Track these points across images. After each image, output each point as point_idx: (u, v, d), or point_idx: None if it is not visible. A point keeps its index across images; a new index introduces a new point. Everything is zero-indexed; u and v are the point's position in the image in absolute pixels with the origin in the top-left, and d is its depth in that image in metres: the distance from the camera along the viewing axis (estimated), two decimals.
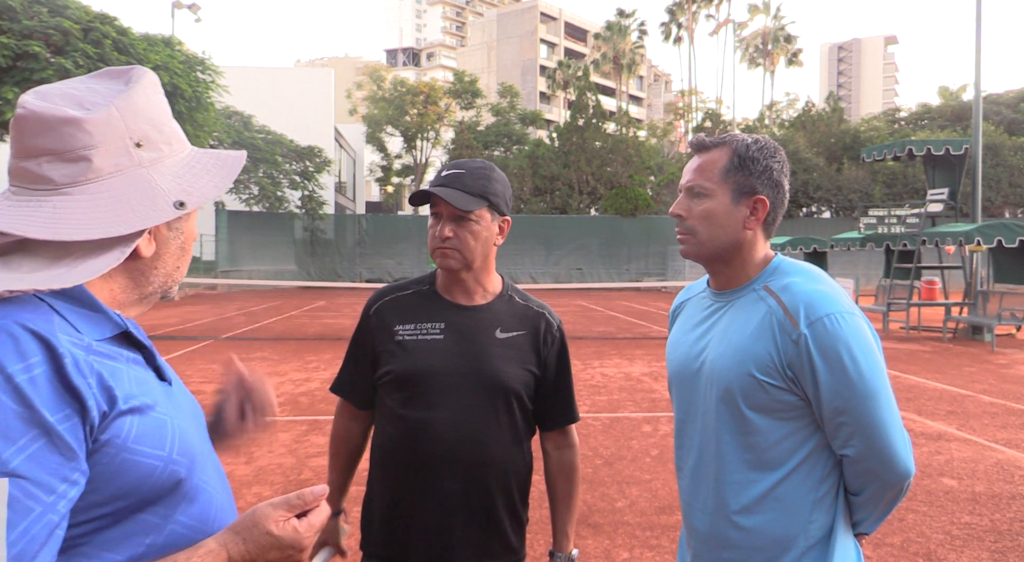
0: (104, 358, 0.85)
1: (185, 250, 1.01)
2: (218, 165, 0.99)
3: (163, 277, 0.98)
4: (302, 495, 0.90)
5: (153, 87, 0.96)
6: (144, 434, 0.85)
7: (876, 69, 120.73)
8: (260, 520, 0.88)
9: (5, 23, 13.60)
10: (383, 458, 1.64)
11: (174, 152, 0.96)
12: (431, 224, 1.63)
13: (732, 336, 1.35)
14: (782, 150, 1.41)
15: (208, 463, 0.96)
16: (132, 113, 0.91)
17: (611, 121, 39.00)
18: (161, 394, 0.92)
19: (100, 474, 0.81)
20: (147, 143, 0.92)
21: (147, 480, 0.84)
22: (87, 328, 0.86)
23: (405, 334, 1.62)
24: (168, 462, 0.86)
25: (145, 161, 0.91)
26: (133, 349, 0.93)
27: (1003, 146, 33.73)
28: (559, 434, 1.75)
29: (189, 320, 15.75)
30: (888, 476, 1.27)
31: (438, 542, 1.57)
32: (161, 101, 0.97)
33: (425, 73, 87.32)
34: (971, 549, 3.73)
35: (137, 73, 0.95)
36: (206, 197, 0.95)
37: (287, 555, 0.88)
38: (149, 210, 0.89)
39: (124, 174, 0.89)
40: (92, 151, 0.87)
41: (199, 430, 0.99)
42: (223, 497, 0.97)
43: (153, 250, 0.95)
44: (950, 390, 8.12)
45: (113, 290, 0.94)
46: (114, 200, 0.87)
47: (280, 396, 7.55)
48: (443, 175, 1.62)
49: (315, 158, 29.74)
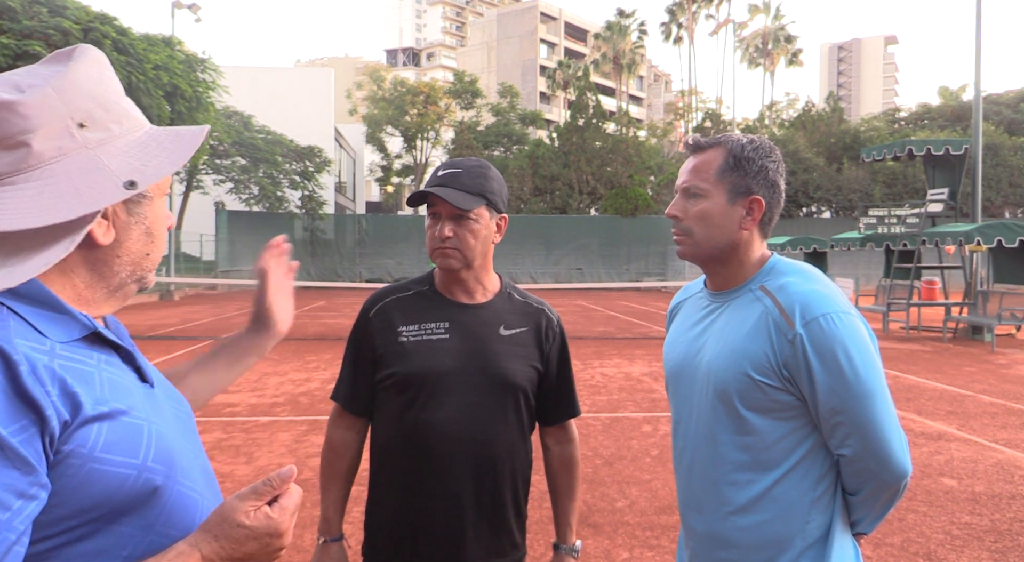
0: (71, 361, 0.81)
1: (152, 235, 0.94)
2: (176, 141, 0.93)
3: (130, 266, 0.92)
4: (269, 481, 0.86)
5: (96, 64, 0.89)
6: (114, 442, 0.80)
7: (876, 69, 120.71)
8: (229, 514, 0.84)
9: (5, 23, 13.61)
10: (388, 460, 1.62)
11: (126, 131, 0.90)
12: (429, 224, 1.62)
13: (728, 336, 1.35)
14: (777, 150, 1.41)
15: (195, 468, 0.92)
16: (72, 92, 0.85)
17: (611, 121, 39.00)
18: (139, 397, 0.88)
19: (65, 486, 0.76)
20: (91, 123, 0.86)
21: (119, 491, 0.80)
22: (52, 330, 0.82)
23: (409, 335, 1.61)
24: (142, 470, 0.82)
25: (91, 142, 0.86)
26: (108, 350, 0.89)
27: (1003, 146, 33.73)
28: (560, 429, 1.76)
29: (189, 320, 15.76)
30: (885, 475, 1.27)
31: (449, 542, 1.57)
32: (107, 78, 0.91)
33: (425, 73, 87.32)
34: (971, 549, 3.73)
35: (79, 50, 0.89)
36: (160, 174, 0.89)
37: (266, 543, 0.84)
38: (95, 192, 0.83)
39: (68, 157, 0.84)
40: (30, 135, 0.81)
41: (184, 433, 0.94)
42: (211, 504, 0.93)
43: (113, 237, 0.89)
44: (950, 390, 8.12)
45: (76, 286, 0.88)
46: (58, 185, 0.82)
47: (280, 396, 7.55)
48: (440, 175, 1.61)
49: (315, 158, 29.74)
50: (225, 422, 6.39)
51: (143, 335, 12.81)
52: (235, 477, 4.75)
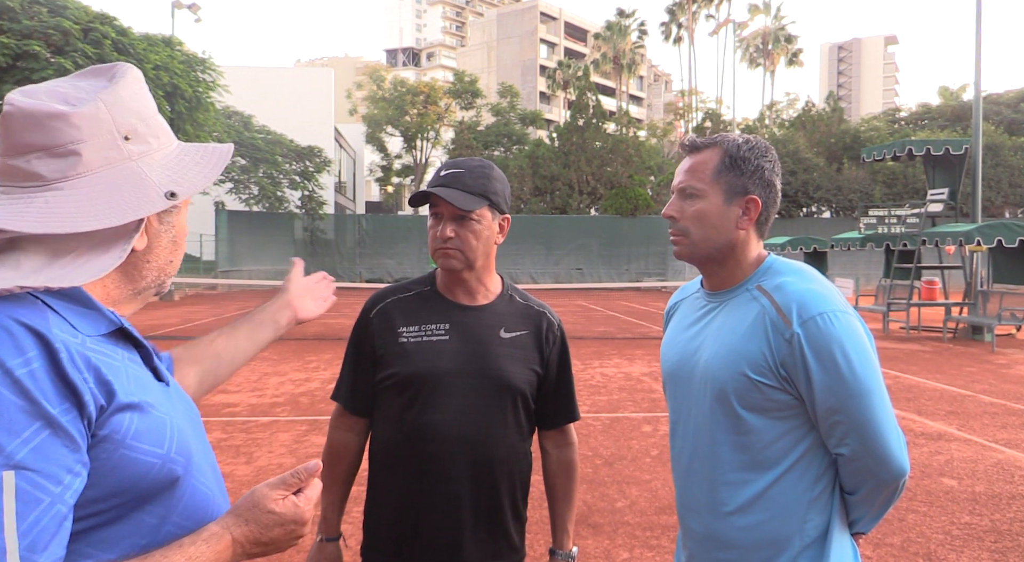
0: (101, 354, 0.85)
1: (177, 244, 1.01)
2: (206, 157, 1.00)
3: (156, 271, 0.98)
4: (297, 473, 0.93)
5: (137, 82, 0.96)
6: (143, 431, 0.85)
7: (876, 69, 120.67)
8: (260, 500, 0.91)
9: (5, 23, 13.62)
10: (388, 461, 1.62)
11: (162, 145, 0.97)
12: (431, 224, 1.61)
13: (726, 336, 1.35)
14: (773, 149, 1.41)
15: (205, 466, 0.96)
16: (118, 107, 0.91)
17: (611, 121, 38.99)
18: (159, 394, 0.92)
19: (98, 469, 0.81)
20: (135, 136, 0.92)
21: (145, 477, 0.84)
22: (83, 325, 0.86)
23: (410, 336, 1.61)
24: (166, 460, 0.86)
25: (134, 154, 0.92)
26: (130, 347, 0.93)
27: (1003, 146, 33.73)
28: (559, 433, 1.75)
29: (189, 320, 15.76)
30: (883, 475, 1.27)
31: (448, 543, 1.57)
32: (146, 96, 0.97)
33: (425, 73, 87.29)
34: (971, 549, 3.73)
35: (121, 69, 0.95)
36: (196, 187, 0.96)
37: (290, 530, 0.92)
38: (141, 201, 0.90)
39: (114, 167, 0.90)
40: (81, 145, 0.87)
41: (196, 432, 0.98)
42: (220, 500, 0.97)
43: (145, 244, 0.95)
44: (950, 390, 8.12)
45: (107, 286, 0.94)
46: (105, 192, 0.88)
47: (280, 396, 7.55)
48: (442, 175, 1.60)
49: (315, 158, 29.74)
50: (225, 422, 6.39)
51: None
52: (235, 477, 4.75)
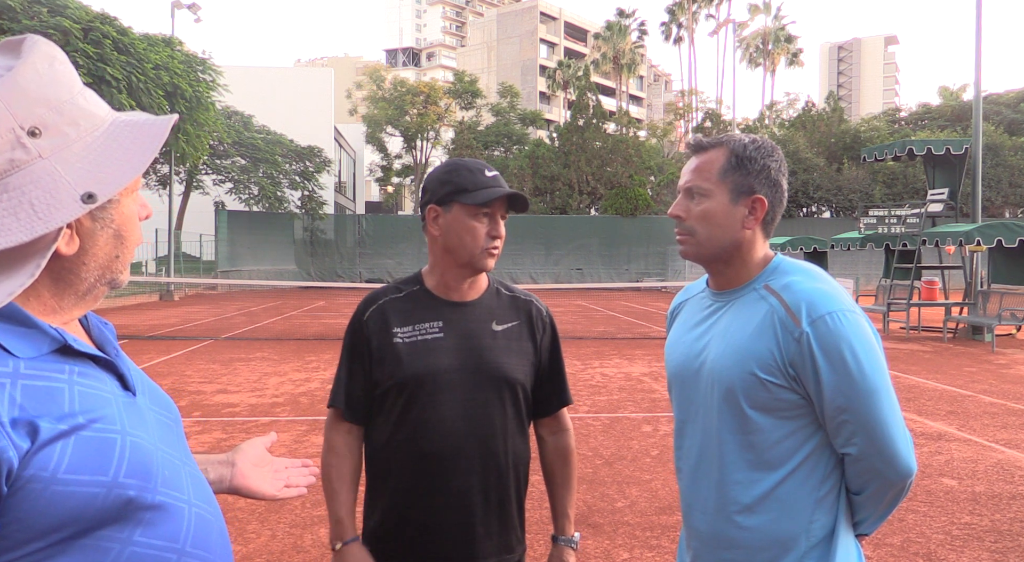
0: (37, 379, 0.78)
1: (123, 237, 0.88)
2: (136, 139, 0.84)
3: (98, 271, 0.86)
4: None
5: (46, 60, 0.80)
6: (80, 461, 0.77)
7: (876, 69, 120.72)
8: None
9: (5, 23, 13.61)
10: (389, 463, 1.61)
11: (84, 133, 0.81)
12: (478, 224, 1.58)
13: (733, 335, 1.35)
14: (779, 149, 1.41)
15: (181, 474, 0.89)
16: (20, 97, 0.77)
17: (611, 121, 39.01)
18: (117, 407, 0.84)
19: (28, 511, 0.74)
20: (46, 129, 0.78)
21: (87, 508, 0.77)
22: (19, 347, 0.78)
23: (404, 336, 1.61)
24: (112, 486, 0.78)
25: (46, 151, 0.78)
26: (83, 360, 0.85)
27: (1003, 146, 33.76)
28: (553, 419, 1.77)
29: (189, 320, 15.76)
30: (890, 474, 1.27)
31: (461, 540, 1.56)
32: (60, 75, 0.81)
33: (425, 73, 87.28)
34: (971, 549, 3.73)
35: (26, 45, 0.80)
36: (121, 183, 0.81)
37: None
38: (51, 209, 0.76)
39: (22, 171, 0.76)
40: None
41: (170, 441, 0.91)
42: (203, 508, 0.90)
43: (77, 246, 0.83)
44: (950, 390, 8.12)
45: (43, 297, 0.84)
46: (13, 203, 0.75)
47: (280, 396, 7.55)
48: (490, 175, 1.60)
49: (315, 158, 29.77)
50: (225, 422, 6.38)
51: (143, 335, 12.81)
52: None
